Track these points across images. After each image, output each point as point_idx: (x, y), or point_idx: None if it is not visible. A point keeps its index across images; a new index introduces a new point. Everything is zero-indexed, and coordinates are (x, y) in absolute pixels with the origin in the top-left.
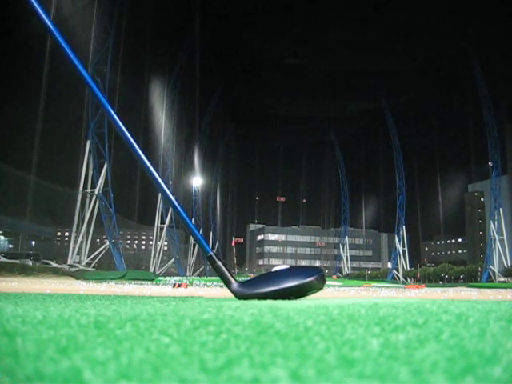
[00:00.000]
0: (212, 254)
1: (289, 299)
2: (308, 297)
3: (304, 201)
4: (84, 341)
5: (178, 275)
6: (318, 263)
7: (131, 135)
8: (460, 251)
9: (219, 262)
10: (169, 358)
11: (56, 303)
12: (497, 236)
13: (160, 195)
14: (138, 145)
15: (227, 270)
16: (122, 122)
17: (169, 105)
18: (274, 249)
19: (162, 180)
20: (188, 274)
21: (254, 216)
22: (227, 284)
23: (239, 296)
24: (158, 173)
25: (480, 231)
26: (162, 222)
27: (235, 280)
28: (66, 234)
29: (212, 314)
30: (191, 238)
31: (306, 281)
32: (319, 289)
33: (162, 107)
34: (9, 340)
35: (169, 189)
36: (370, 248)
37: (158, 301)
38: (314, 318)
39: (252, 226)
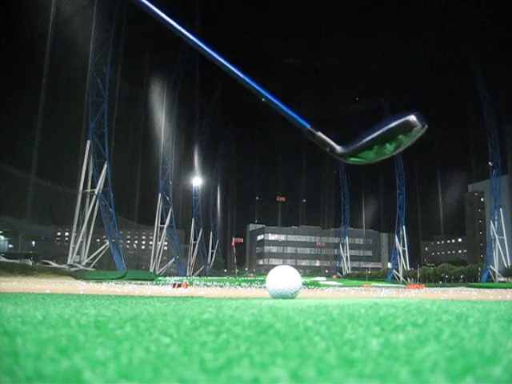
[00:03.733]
0: (309, 126)
1: (398, 140)
2: (308, 297)
3: (304, 201)
4: (84, 341)
5: (178, 275)
6: (317, 263)
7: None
8: (460, 251)
9: (319, 133)
10: (169, 358)
11: (56, 303)
12: (497, 236)
13: (160, 195)
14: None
15: (329, 137)
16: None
17: (169, 105)
18: (273, 249)
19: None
20: (188, 273)
21: (254, 216)
22: (332, 151)
23: (349, 155)
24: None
25: (480, 231)
26: (162, 222)
27: (338, 145)
28: (66, 234)
29: (212, 314)
30: (191, 238)
31: (407, 118)
32: (423, 127)
33: (162, 107)
34: (9, 340)
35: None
36: (370, 248)
37: (158, 301)
38: (314, 318)
39: (252, 226)
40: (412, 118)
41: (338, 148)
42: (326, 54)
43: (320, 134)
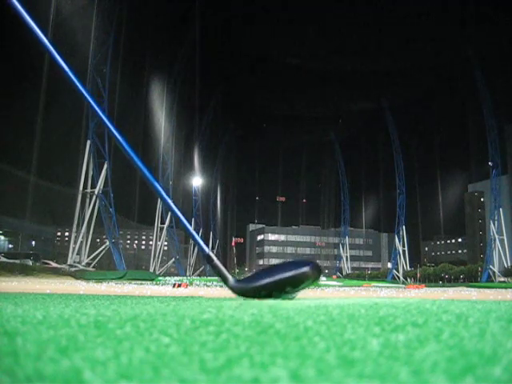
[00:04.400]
0: (209, 252)
1: (286, 292)
2: (308, 297)
3: (304, 201)
4: (84, 341)
5: (178, 275)
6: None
7: (129, 145)
8: (460, 251)
9: (216, 261)
10: (169, 358)
11: (56, 303)
12: (497, 236)
13: None
14: (135, 153)
15: (225, 267)
16: (119, 132)
17: (169, 105)
18: (274, 249)
19: (160, 185)
20: (188, 273)
21: (253, 216)
22: (225, 281)
23: (237, 292)
24: (156, 178)
25: (480, 231)
26: (162, 222)
27: (233, 277)
28: (66, 234)
29: (212, 314)
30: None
31: (300, 271)
32: (315, 279)
33: (162, 107)
34: (9, 340)
35: (167, 193)
36: (370, 248)
37: (158, 301)
38: (314, 318)
39: (252, 226)
40: (304, 273)
41: (231, 281)
42: (325, 53)
43: (217, 262)
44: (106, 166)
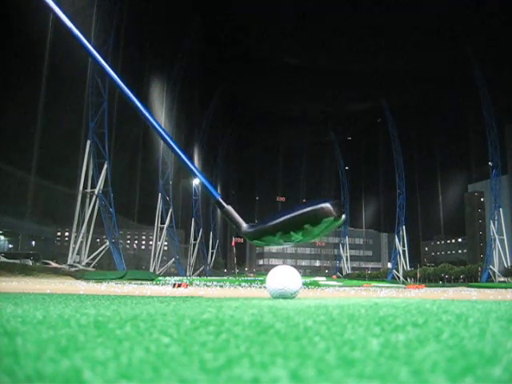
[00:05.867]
0: (220, 198)
1: (305, 232)
2: (308, 297)
3: (304, 201)
4: (84, 341)
5: (178, 275)
6: (317, 263)
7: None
8: (460, 251)
9: (228, 207)
10: (169, 358)
11: (56, 303)
12: (497, 236)
13: (160, 194)
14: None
15: (237, 213)
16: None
17: (169, 104)
18: (273, 248)
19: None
20: (188, 274)
21: (253, 216)
22: (238, 228)
23: (252, 236)
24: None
25: (480, 231)
26: (162, 222)
27: (245, 223)
28: (66, 234)
29: (212, 314)
30: (191, 238)
31: (317, 206)
32: (336, 218)
33: (162, 107)
34: (9, 340)
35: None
36: (370, 248)
37: (158, 301)
38: (314, 318)
39: None
40: (322, 208)
41: (244, 227)
42: (325, 53)
43: (229, 208)
44: (105, 166)
